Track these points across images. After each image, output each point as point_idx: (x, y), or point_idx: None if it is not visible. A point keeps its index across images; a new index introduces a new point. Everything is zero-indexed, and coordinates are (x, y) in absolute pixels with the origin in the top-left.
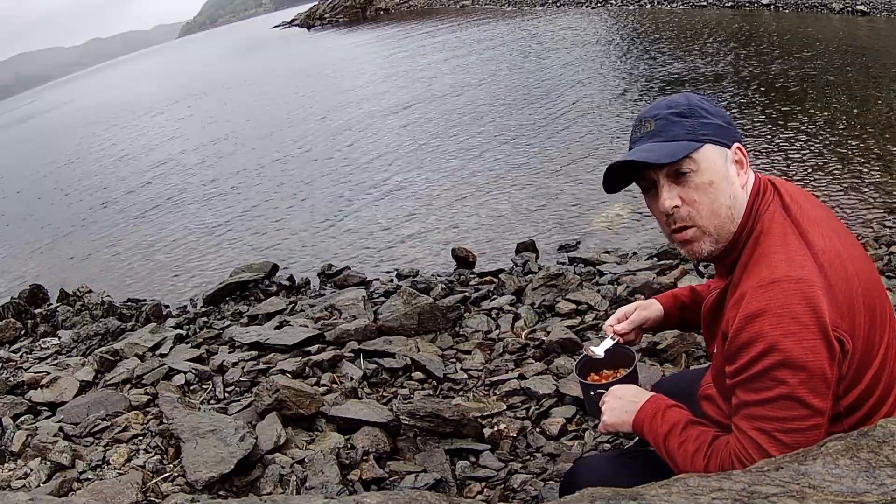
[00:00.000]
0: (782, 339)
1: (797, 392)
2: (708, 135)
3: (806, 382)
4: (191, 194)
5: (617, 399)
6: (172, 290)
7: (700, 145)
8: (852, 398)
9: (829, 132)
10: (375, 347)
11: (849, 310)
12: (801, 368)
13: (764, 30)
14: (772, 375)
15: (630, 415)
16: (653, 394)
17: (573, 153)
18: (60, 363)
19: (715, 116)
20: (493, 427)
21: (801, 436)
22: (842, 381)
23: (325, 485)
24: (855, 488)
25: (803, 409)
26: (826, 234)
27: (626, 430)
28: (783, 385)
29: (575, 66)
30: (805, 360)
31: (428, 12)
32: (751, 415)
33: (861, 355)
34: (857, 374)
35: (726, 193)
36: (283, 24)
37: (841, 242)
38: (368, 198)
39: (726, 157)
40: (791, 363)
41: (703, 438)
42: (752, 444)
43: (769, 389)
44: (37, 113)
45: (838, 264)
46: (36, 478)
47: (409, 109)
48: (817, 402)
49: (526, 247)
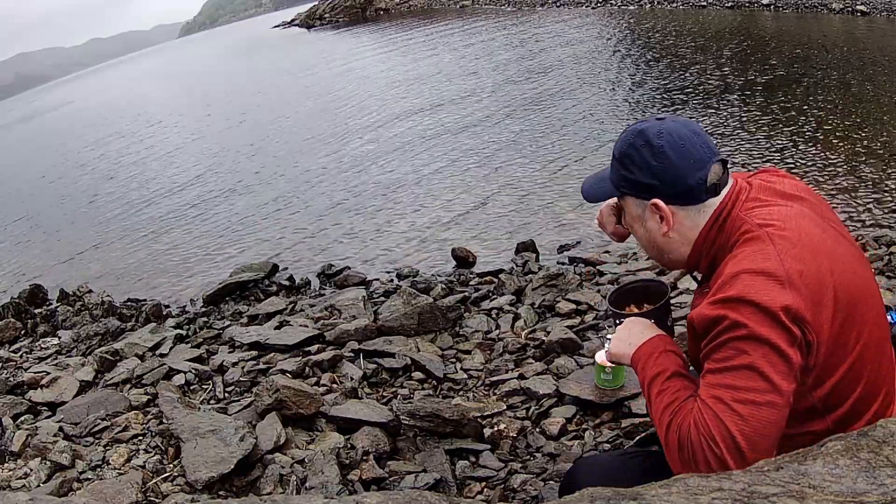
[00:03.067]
0: (746, 318)
1: (757, 363)
2: (626, 188)
3: (766, 356)
4: (191, 194)
5: (626, 331)
6: (172, 290)
7: (620, 195)
8: (825, 390)
9: (829, 132)
10: (375, 347)
11: (814, 303)
12: (762, 343)
13: (764, 30)
14: (735, 345)
15: (632, 348)
16: (660, 333)
17: (573, 153)
18: (60, 363)
19: (639, 171)
20: (493, 427)
21: (755, 409)
22: (810, 372)
23: (325, 485)
24: (855, 488)
25: (762, 381)
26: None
27: (626, 363)
28: (745, 355)
29: (575, 67)
30: (766, 336)
31: (428, 12)
32: (711, 382)
33: (829, 349)
34: (826, 367)
35: (645, 237)
36: (283, 24)
37: (823, 238)
38: (368, 198)
39: (644, 207)
40: (753, 336)
41: (679, 395)
42: (710, 411)
43: (731, 359)
44: (37, 113)
45: (809, 259)
46: (36, 478)
47: (409, 110)
48: (777, 378)
49: (526, 247)
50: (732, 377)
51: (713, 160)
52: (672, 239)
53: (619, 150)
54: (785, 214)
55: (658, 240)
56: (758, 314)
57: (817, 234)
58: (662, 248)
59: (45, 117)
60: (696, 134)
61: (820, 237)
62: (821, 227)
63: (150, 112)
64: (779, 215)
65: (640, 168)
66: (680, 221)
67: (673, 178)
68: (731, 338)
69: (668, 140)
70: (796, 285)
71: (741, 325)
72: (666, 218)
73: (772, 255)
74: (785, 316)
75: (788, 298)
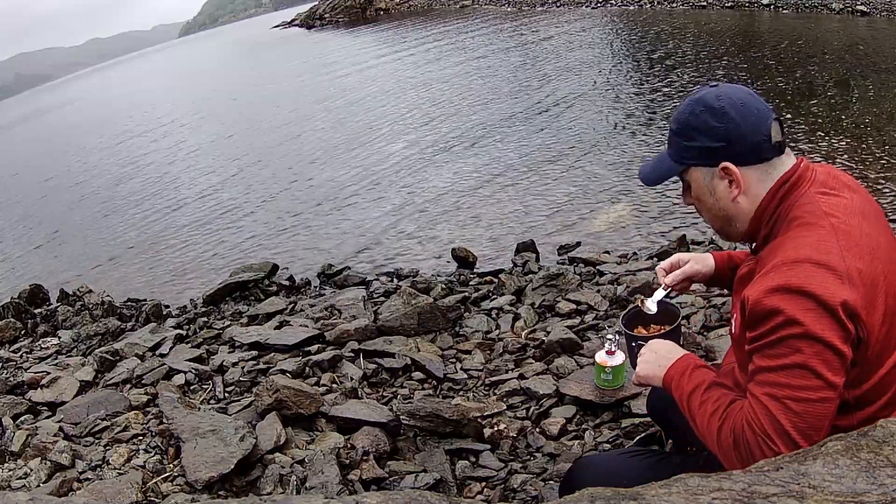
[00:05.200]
0: (800, 314)
1: (811, 362)
2: (689, 158)
3: (820, 354)
4: (191, 194)
5: (652, 353)
6: (172, 290)
7: (683, 167)
8: (861, 391)
9: (829, 132)
10: (375, 347)
11: (869, 303)
12: (817, 341)
13: (764, 30)
14: (789, 343)
15: (662, 369)
16: (686, 352)
17: (573, 153)
18: (60, 363)
19: (704, 136)
20: (493, 427)
21: (810, 406)
22: (854, 368)
23: (325, 485)
24: (855, 488)
25: (815, 379)
26: (863, 226)
27: (657, 384)
28: (799, 353)
29: (575, 68)
30: (821, 335)
31: (428, 12)
32: (765, 381)
33: (873, 350)
34: (867, 369)
35: (714, 206)
36: (283, 24)
37: (878, 239)
38: (369, 198)
39: (712, 174)
40: (808, 335)
41: (722, 401)
42: (763, 409)
43: (785, 357)
44: (37, 113)
45: (868, 259)
46: (36, 478)
47: (409, 111)
48: (829, 374)
49: (526, 247)
50: (786, 375)
51: (772, 117)
52: (740, 204)
53: (678, 122)
54: (848, 208)
55: (728, 207)
56: (816, 309)
57: (874, 234)
58: (731, 215)
59: (46, 118)
60: (751, 95)
61: (876, 238)
62: (876, 228)
63: (149, 112)
64: (842, 208)
65: (705, 133)
66: (749, 183)
67: (738, 137)
68: (786, 335)
69: (728, 101)
70: (855, 282)
71: (797, 322)
72: (736, 180)
73: (833, 249)
74: (843, 311)
75: (847, 293)
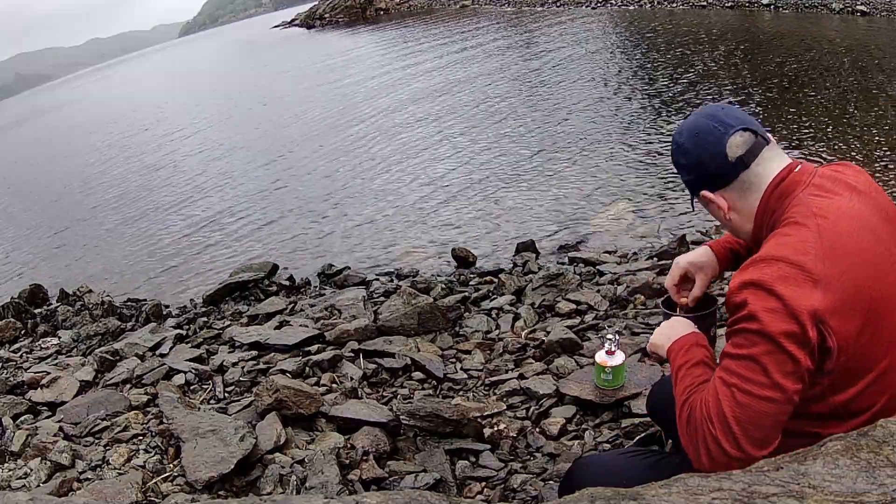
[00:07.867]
0: (762, 312)
1: (762, 359)
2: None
3: (771, 353)
4: (191, 194)
5: (669, 326)
6: (172, 290)
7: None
8: (846, 397)
9: (829, 132)
10: (375, 347)
11: (845, 309)
12: (770, 340)
13: (764, 30)
14: (747, 336)
15: (669, 341)
16: (696, 332)
17: (573, 153)
18: (60, 363)
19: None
20: (493, 427)
21: (753, 400)
22: (825, 377)
23: (325, 485)
24: (855, 488)
25: (763, 376)
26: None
27: (663, 354)
28: (754, 347)
29: (576, 68)
30: (776, 336)
31: (428, 12)
32: (723, 366)
33: (852, 357)
34: (848, 375)
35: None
36: (283, 24)
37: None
38: (369, 198)
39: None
40: (762, 332)
41: (697, 379)
42: (714, 392)
43: (742, 347)
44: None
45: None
46: (36, 478)
47: (409, 111)
48: (778, 376)
49: (526, 247)
50: (738, 365)
51: (728, 133)
52: (734, 220)
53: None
54: (842, 210)
55: (727, 225)
56: (781, 310)
57: (869, 239)
58: (735, 229)
59: (46, 118)
60: (710, 116)
61: (871, 242)
62: (875, 233)
63: (149, 112)
64: (835, 210)
65: (681, 168)
66: (732, 203)
67: (699, 166)
68: (745, 328)
69: (687, 133)
70: (830, 287)
71: (755, 318)
72: (717, 204)
73: (812, 251)
74: (807, 317)
75: (817, 300)
